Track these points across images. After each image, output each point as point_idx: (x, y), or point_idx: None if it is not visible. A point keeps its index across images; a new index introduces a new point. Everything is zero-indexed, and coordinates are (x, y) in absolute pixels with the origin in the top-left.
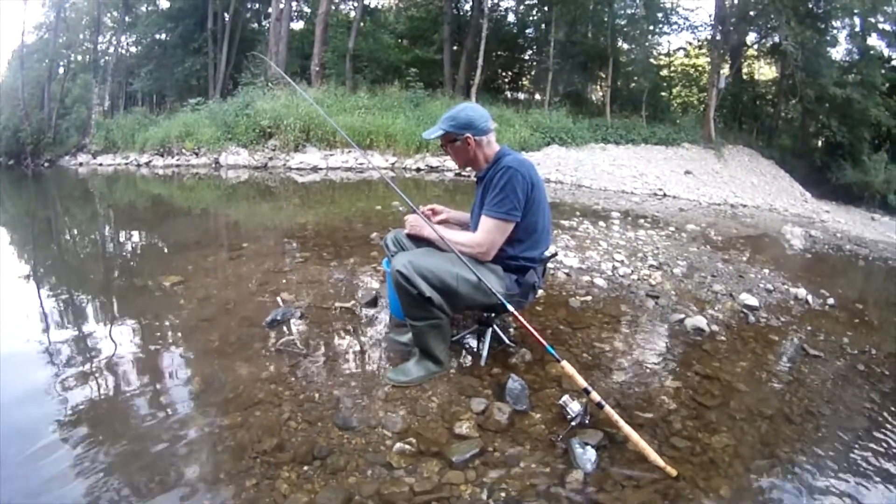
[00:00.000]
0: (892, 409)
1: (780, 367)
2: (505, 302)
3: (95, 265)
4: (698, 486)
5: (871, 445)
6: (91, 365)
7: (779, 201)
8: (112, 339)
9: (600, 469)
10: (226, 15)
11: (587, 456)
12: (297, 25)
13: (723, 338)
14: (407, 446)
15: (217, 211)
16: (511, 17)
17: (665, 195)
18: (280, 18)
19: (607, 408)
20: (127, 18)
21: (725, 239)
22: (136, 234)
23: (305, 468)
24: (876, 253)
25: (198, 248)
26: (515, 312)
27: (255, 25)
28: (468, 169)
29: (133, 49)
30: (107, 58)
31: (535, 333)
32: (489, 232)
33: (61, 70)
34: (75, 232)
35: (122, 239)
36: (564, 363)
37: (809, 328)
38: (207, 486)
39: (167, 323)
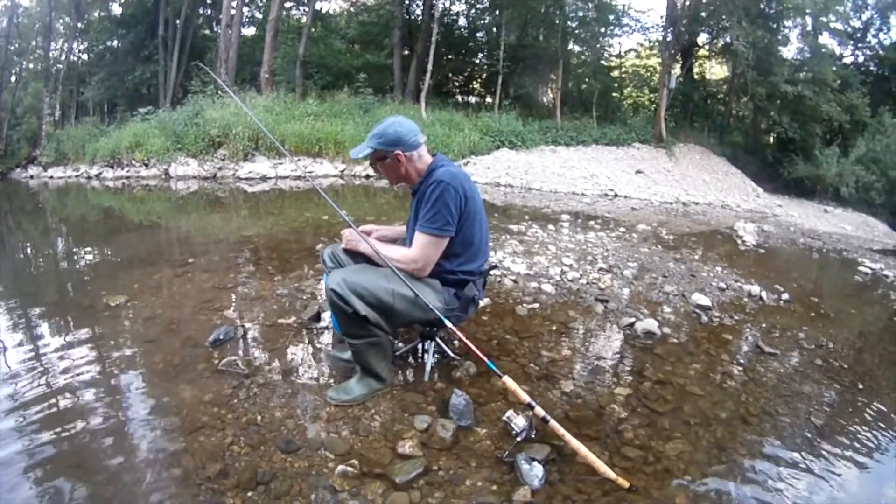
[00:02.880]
0: (851, 403)
1: (735, 367)
2: (443, 317)
3: (41, 285)
4: (652, 497)
5: (830, 442)
6: (30, 392)
7: (731, 198)
8: (55, 363)
9: (549, 484)
10: (177, 21)
11: (534, 472)
12: (249, 31)
13: (675, 340)
14: (350, 468)
15: (166, 224)
16: (462, 21)
17: (616, 195)
18: (231, 25)
19: (553, 422)
20: (79, 24)
21: (677, 237)
22: (83, 251)
23: (250, 494)
24: (830, 245)
25: (144, 264)
26: (454, 328)
27: (207, 31)
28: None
29: (84, 57)
30: (58, 66)
31: (475, 349)
32: (423, 248)
33: (13, 79)
34: (22, 250)
35: (69, 256)
36: (506, 378)
37: (764, 325)
38: None
39: (111, 345)
